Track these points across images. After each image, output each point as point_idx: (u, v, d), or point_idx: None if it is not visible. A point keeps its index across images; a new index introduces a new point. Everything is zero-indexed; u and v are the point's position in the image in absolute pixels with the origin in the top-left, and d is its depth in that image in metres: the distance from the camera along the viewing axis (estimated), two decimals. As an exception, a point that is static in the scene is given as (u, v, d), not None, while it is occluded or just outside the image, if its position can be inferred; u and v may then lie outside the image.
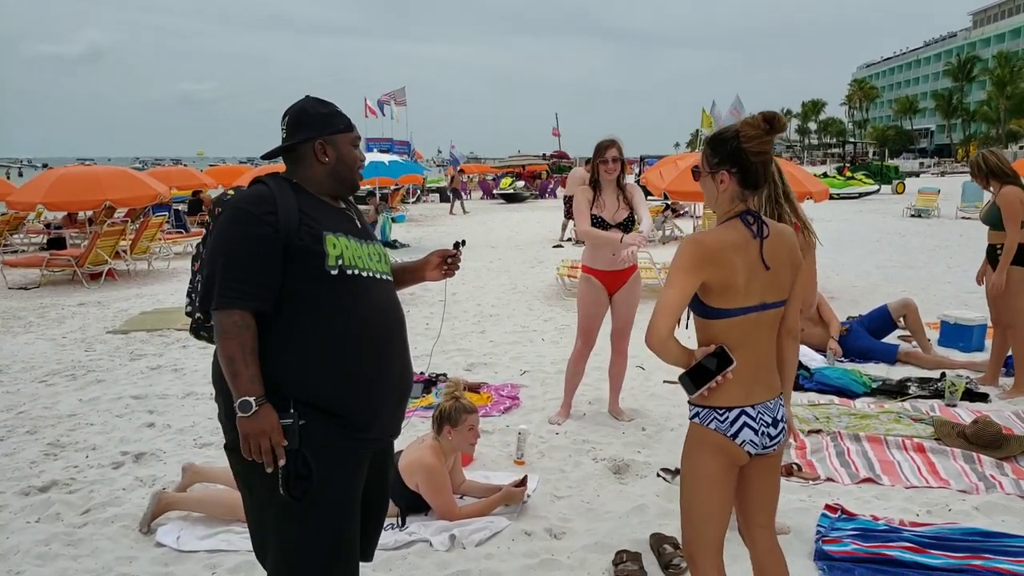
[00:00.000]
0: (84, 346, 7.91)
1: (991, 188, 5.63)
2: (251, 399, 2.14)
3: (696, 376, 2.36)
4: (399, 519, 2.94)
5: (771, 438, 2.42)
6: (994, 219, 5.59)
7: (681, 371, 2.40)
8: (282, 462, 2.17)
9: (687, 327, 2.49)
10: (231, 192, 2.35)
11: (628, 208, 4.99)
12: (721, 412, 2.37)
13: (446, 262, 2.75)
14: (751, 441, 2.38)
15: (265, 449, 2.15)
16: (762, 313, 2.38)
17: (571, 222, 17.54)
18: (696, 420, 2.43)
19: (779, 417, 2.45)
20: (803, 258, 2.56)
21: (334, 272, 2.25)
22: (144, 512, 3.87)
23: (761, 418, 2.39)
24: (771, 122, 2.34)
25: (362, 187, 2.48)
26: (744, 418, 2.36)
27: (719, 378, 2.33)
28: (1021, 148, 52.38)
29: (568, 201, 18.16)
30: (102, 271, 12.15)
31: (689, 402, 2.46)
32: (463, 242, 2.81)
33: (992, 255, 5.70)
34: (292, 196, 2.29)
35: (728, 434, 2.37)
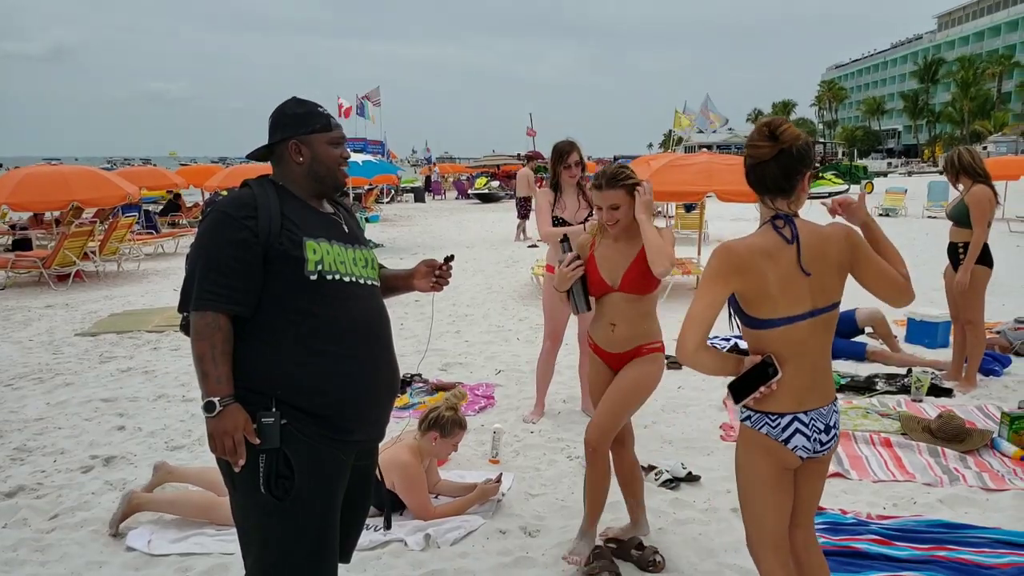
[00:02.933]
0: (51, 349, 7.79)
1: (960, 185, 5.72)
2: (215, 399, 2.18)
3: (744, 385, 2.33)
4: (384, 521, 2.96)
5: (822, 444, 2.38)
6: (961, 216, 5.68)
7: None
8: (242, 462, 2.21)
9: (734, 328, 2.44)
10: (223, 193, 2.35)
11: (589, 207, 5.04)
12: (773, 418, 2.34)
13: (435, 274, 2.76)
14: (803, 447, 2.34)
15: (228, 448, 2.19)
16: (814, 320, 2.32)
17: (526, 222, 17.60)
18: (747, 423, 2.40)
19: (832, 424, 2.40)
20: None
21: (313, 277, 2.27)
22: (114, 512, 3.83)
23: (814, 424, 2.35)
24: (769, 127, 2.32)
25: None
26: (796, 424, 2.33)
27: (764, 389, 2.30)
28: (984, 148, 53.29)
29: (520, 203, 18.19)
30: (70, 272, 11.96)
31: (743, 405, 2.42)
32: (452, 257, 2.81)
33: (953, 253, 5.80)
34: (275, 200, 2.30)
35: (780, 439, 2.34)
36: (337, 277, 2.32)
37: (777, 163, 2.29)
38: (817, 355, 2.36)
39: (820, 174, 34.18)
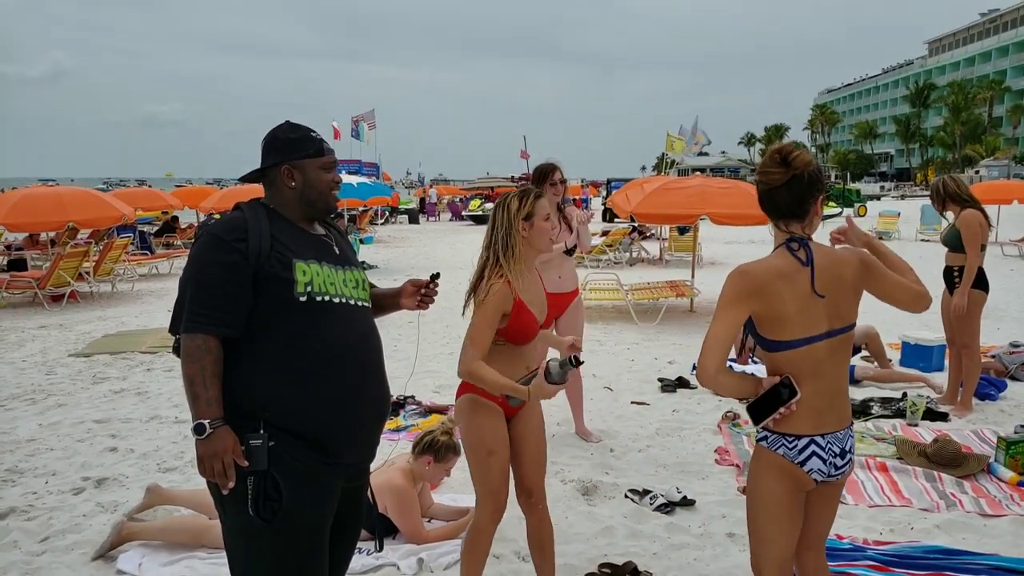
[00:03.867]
0: (45, 369, 7.75)
1: (948, 212, 5.78)
2: (205, 422, 2.17)
3: (762, 406, 2.34)
4: (376, 544, 2.92)
5: (837, 468, 2.39)
6: (953, 241, 5.72)
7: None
8: (231, 484, 2.19)
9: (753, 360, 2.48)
10: (216, 216, 2.36)
11: (569, 230, 5.16)
12: (790, 440, 2.35)
13: (421, 292, 2.76)
14: (819, 470, 2.35)
15: (218, 471, 2.18)
16: (830, 341, 2.34)
17: None
18: (764, 444, 2.41)
19: (847, 448, 2.41)
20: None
21: (303, 299, 2.27)
22: (103, 540, 3.79)
23: (830, 448, 2.36)
24: (781, 153, 2.36)
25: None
26: (813, 447, 2.34)
27: (783, 410, 2.31)
28: (976, 172, 53.70)
29: None
30: (64, 293, 11.95)
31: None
32: (438, 275, 2.81)
33: (949, 277, 5.83)
34: (266, 222, 2.31)
35: (796, 461, 2.34)
36: (327, 298, 2.32)
37: (789, 189, 2.33)
38: (834, 377, 2.37)
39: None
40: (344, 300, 2.38)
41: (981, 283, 5.70)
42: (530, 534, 3.36)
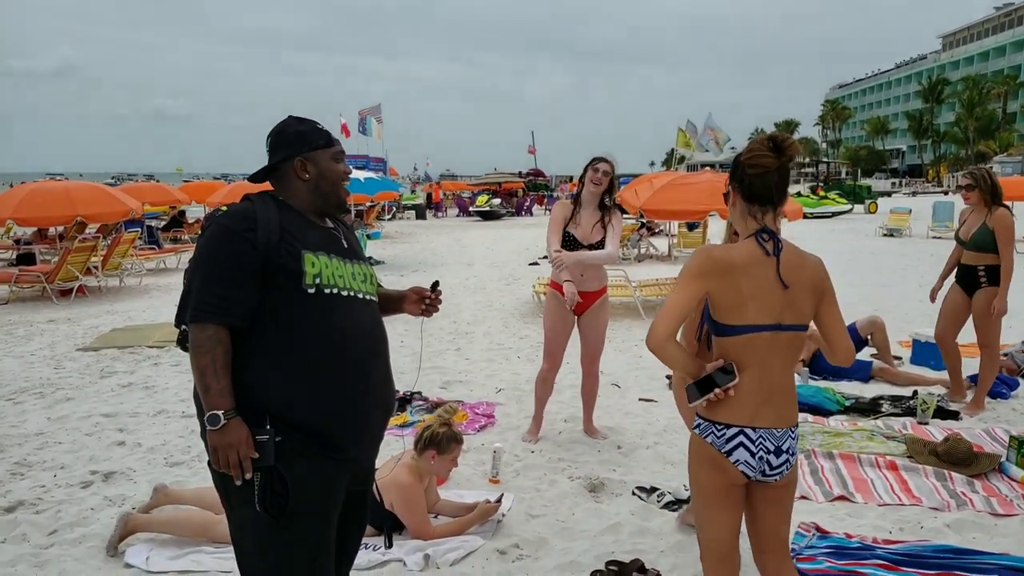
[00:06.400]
0: (53, 363, 7.78)
1: (982, 205, 5.60)
2: (219, 412, 2.16)
3: (700, 387, 2.39)
4: (385, 540, 2.92)
5: (771, 467, 2.39)
6: (985, 241, 5.55)
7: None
8: (248, 475, 2.18)
9: (709, 347, 2.51)
10: (223, 208, 2.35)
11: (603, 230, 4.92)
12: (719, 428, 2.38)
13: (424, 301, 2.75)
14: (746, 462, 2.36)
15: (233, 462, 2.16)
16: (776, 334, 2.36)
17: None
18: (696, 431, 2.45)
19: (785, 448, 2.40)
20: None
21: (311, 291, 2.26)
22: (111, 534, 3.79)
23: (761, 443, 2.36)
24: (775, 141, 2.39)
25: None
26: (741, 438, 2.36)
27: (719, 391, 2.34)
28: (990, 168, 53.29)
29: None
30: (72, 287, 11.99)
31: (696, 414, 2.48)
32: (438, 283, 2.80)
33: (972, 276, 5.68)
34: (275, 213, 2.30)
35: (723, 450, 2.37)
36: (335, 291, 2.31)
37: (780, 174, 2.40)
38: (776, 372, 2.39)
39: (824, 193, 34.22)
40: (352, 293, 2.37)
41: (997, 282, 5.61)
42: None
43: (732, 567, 2.54)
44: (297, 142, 2.39)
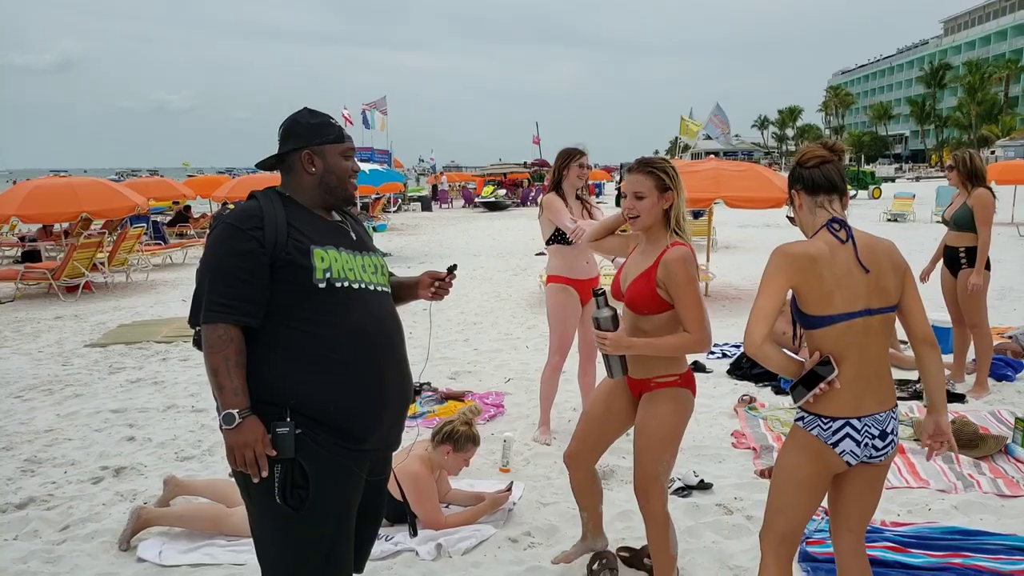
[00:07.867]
0: (61, 360, 7.80)
1: (965, 186, 5.69)
2: (234, 411, 2.18)
3: (806, 383, 2.39)
4: (410, 529, 2.89)
5: (877, 450, 2.42)
6: (964, 220, 5.65)
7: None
8: (264, 474, 2.20)
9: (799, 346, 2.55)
10: (231, 206, 2.36)
11: (590, 219, 4.92)
12: (825, 421, 2.39)
13: (435, 284, 2.75)
14: (851, 452, 2.39)
15: (250, 460, 2.18)
16: (868, 319, 2.38)
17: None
18: (800, 423, 2.46)
19: (889, 430, 2.43)
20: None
21: (322, 285, 2.27)
22: (123, 529, 3.82)
23: (867, 430, 2.39)
24: (824, 143, 2.52)
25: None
26: (848, 429, 2.37)
27: (823, 385, 2.35)
28: (992, 153, 53.09)
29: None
30: (79, 284, 12.02)
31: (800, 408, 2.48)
32: (455, 267, 2.82)
33: (955, 257, 5.78)
34: (281, 210, 2.31)
35: (829, 442, 2.38)
36: (346, 284, 2.32)
37: (835, 165, 2.50)
38: (874, 357, 2.41)
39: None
40: (364, 285, 2.38)
41: (986, 263, 5.65)
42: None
43: (793, 548, 2.57)
44: (307, 134, 2.40)
